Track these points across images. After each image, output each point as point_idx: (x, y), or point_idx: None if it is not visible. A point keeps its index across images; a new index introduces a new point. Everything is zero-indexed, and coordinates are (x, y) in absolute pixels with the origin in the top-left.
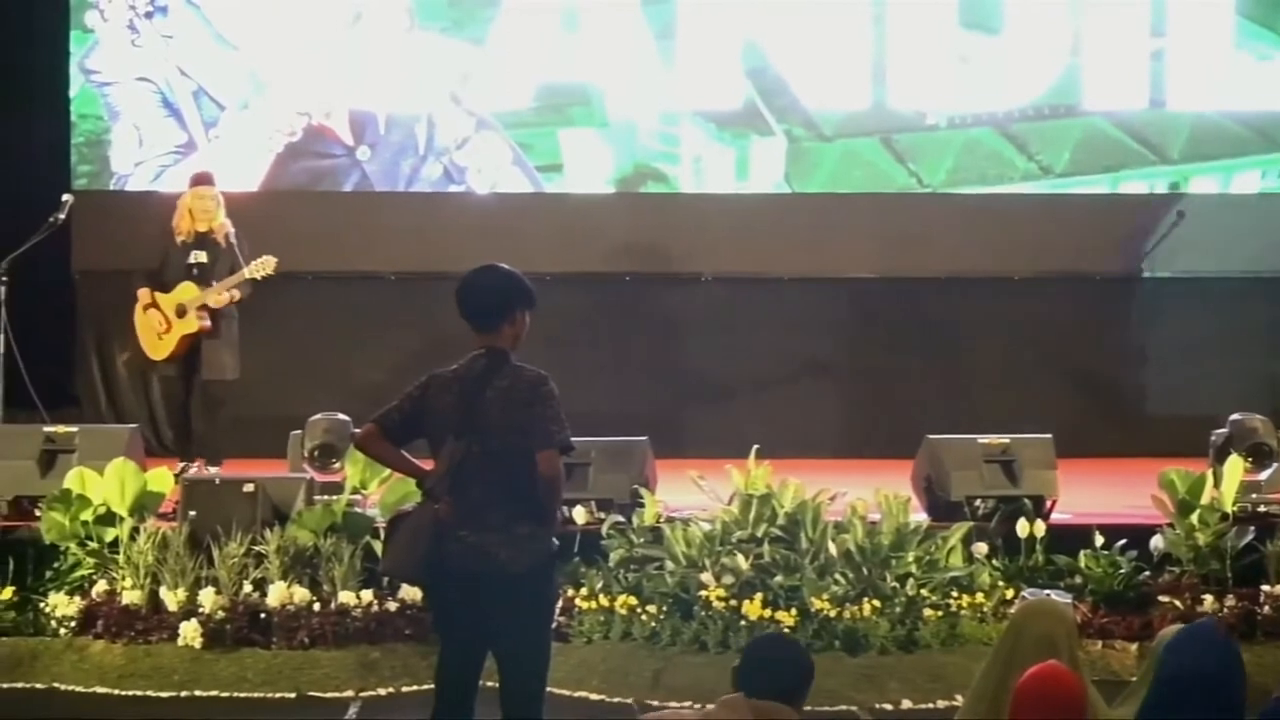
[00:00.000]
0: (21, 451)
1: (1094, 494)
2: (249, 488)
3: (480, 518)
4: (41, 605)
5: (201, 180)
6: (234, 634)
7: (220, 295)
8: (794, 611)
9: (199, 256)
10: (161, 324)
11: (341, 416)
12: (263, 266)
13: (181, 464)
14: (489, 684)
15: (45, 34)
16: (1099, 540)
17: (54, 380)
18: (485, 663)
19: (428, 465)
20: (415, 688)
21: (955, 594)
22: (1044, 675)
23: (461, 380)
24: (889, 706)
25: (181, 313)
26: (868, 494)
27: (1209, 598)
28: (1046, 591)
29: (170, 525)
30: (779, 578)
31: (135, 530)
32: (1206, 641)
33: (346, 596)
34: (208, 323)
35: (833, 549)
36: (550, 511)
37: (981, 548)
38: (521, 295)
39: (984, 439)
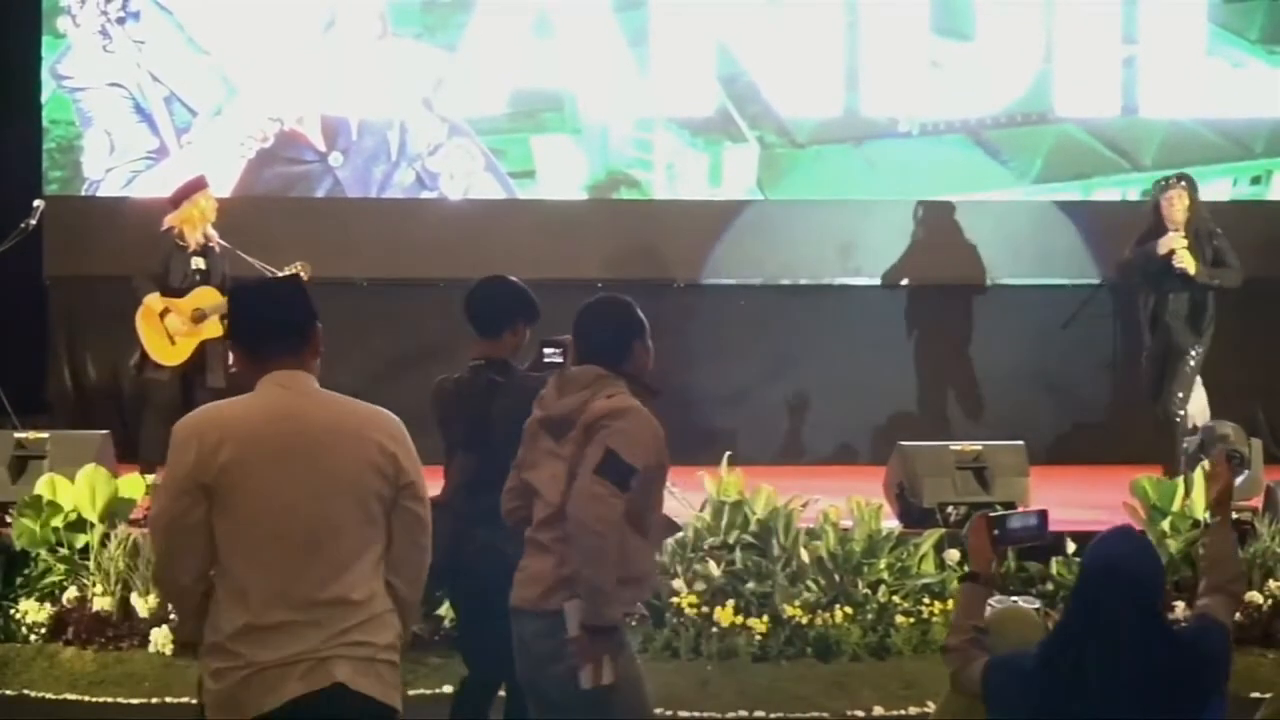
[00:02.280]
0: None
1: (1066, 501)
2: None
3: (493, 519)
4: (12, 612)
5: (201, 185)
6: None
7: None
8: (766, 618)
9: (199, 263)
10: (182, 327)
11: None
12: (300, 271)
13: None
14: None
15: (16, 39)
16: (1071, 547)
17: (25, 386)
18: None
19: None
20: None
21: (927, 601)
22: None
23: (465, 395)
24: (860, 713)
25: (200, 318)
26: (840, 500)
27: (1180, 604)
28: (1014, 599)
29: (142, 531)
30: (751, 584)
31: (106, 536)
32: (1123, 535)
33: None
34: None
35: (805, 556)
36: None
37: (953, 554)
38: (523, 308)
39: (956, 446)
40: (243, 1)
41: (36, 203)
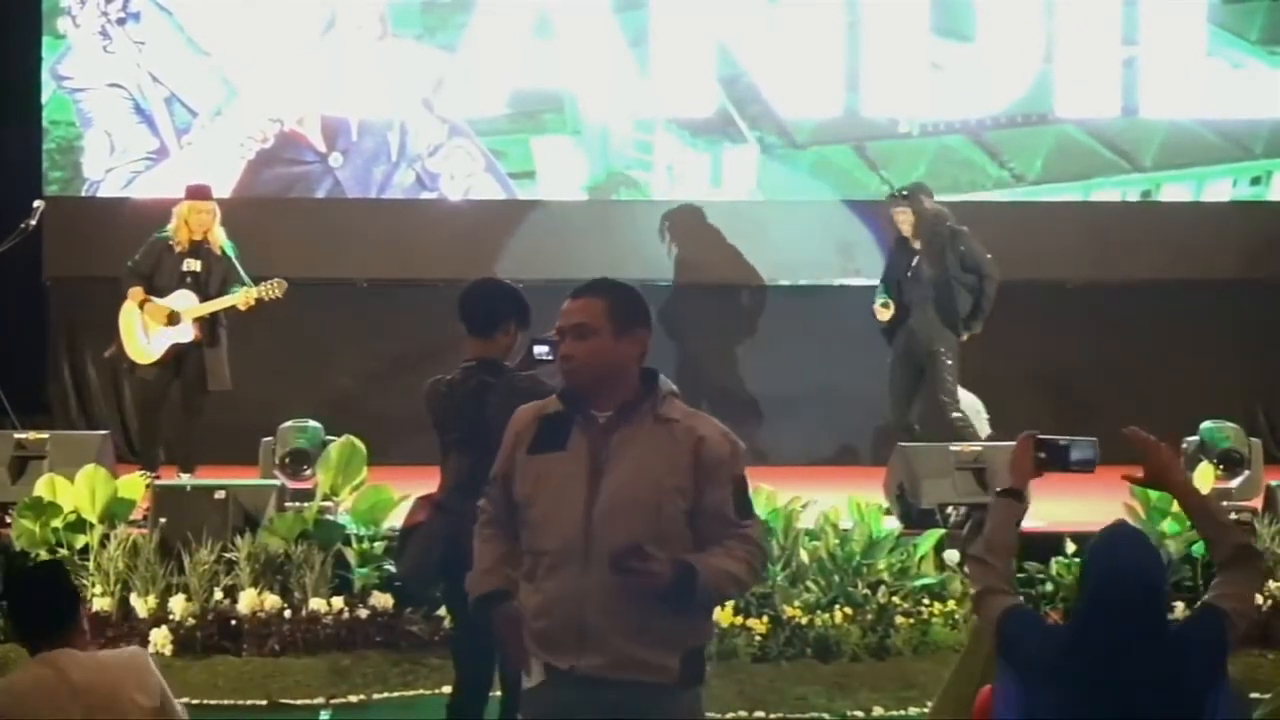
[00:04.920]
0: None
1: (1065, 502)
2: (220, 494)
3: None
4: None
5: (198, 194)
6: (205, 641)
7: (218, 309)
8: (765, 619)
9: (193, 265)
10: (153, 328)
11: (313, 423)
12: (274, 288)
13: (142, 471)
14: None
15: (17, 40)
16: (1070, 548)
17: (25, 387)
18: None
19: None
20: (386, 695)
21: (927, 601)
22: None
23: (457, 396)
24: (860, 714)
25: (175, 320)
26: (840, 501)
27: (1179, 605)
28: None
29: (141, 532)
30: None
31: (106, 537)
32: (1131, 540)
33: (317, 604)
34: (198, 334)
35: (804, 556)
36: None
37: (953, 555)
38: (515, 308)
39: (956, 446)
40: (243, 2)
41: (36, 203)
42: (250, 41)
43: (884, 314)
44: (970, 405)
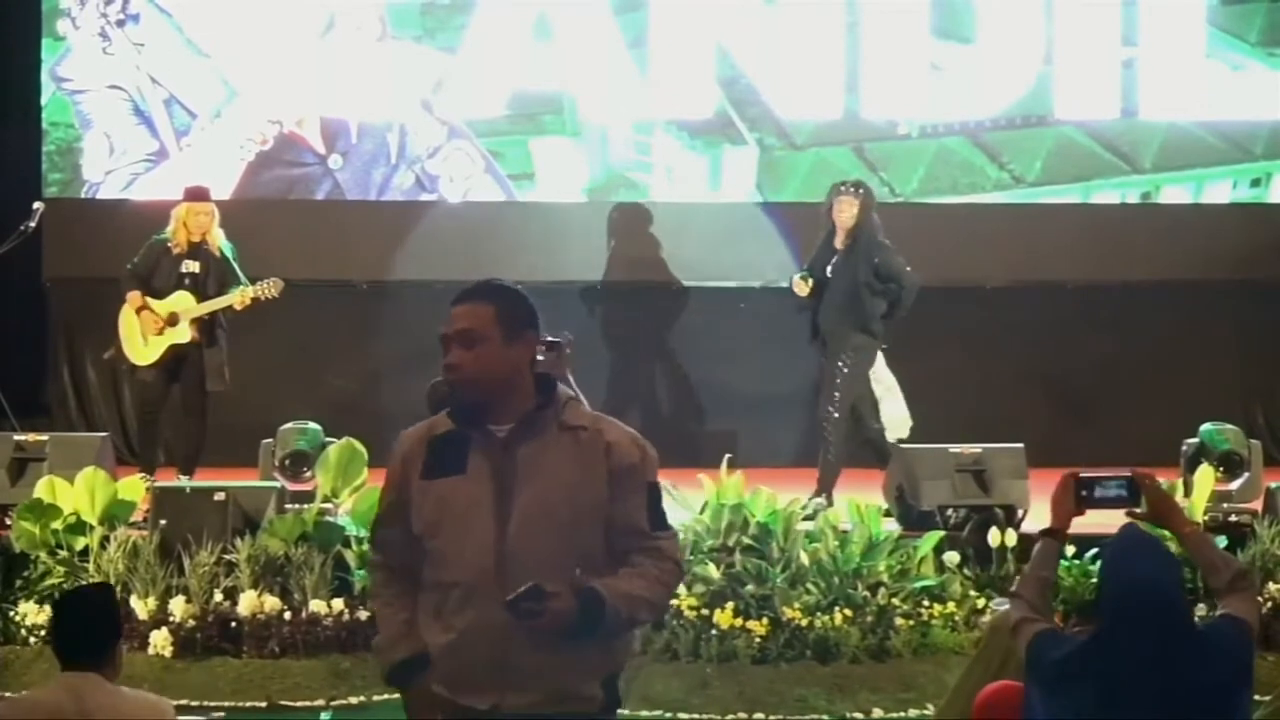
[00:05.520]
0: None
1: None
2: (220, 496)
3: None
4: (11, 614)
5: (196, 196)
6: (204, 643)
7: (216, 309)
8: (765, 620)
9: (191, 266)
10: (154, 327)
11: (313, 425)
12: (271, 287)
13: (142, 472)
14: None
15: (16, 42)
16: (1070, 550)
17: (25, 388)
18: None
19: None
20: (386, 696)
21: (927, 603)
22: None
23: None
24: (860, 715)
25: (174, 321)
26: (840, 503)
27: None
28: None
29: (141, 533)
30: (750, 587)
31: (105, 539)
32: (1145, 547)
33: (317, 605)
34: (196, 335)
35: (804, 558)
36: None
37: (953, 557)
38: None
39: (955, 448)
40: (242, 4)
41: (36, 205)
42: (250, 43)
43: (802, 287)
44: (895, 417)
